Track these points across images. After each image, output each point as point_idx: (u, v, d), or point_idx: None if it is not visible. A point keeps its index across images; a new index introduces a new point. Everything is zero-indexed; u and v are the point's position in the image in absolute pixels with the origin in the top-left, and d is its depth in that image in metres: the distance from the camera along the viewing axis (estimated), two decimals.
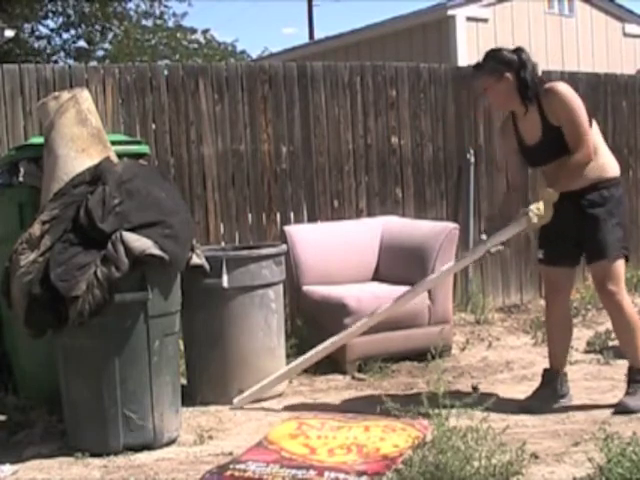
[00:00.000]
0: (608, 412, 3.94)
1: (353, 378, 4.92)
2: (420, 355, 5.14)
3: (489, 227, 4.26)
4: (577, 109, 3.87)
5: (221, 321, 4.45)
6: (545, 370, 4.25)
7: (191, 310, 4.28)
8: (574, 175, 3.86)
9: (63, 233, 3.62)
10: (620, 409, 3.88)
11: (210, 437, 3.88)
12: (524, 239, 7.06)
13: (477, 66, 4.07)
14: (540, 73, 7.17)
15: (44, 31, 24.18)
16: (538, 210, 3.85)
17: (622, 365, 4.26)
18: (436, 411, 3.48)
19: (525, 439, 3.36)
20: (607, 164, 3.98)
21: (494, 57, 4.02)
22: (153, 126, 5.68)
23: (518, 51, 4.02)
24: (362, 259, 5.67)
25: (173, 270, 3.79)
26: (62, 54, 24.43)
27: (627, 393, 3.96)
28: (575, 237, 4.02)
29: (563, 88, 3.92)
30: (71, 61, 23.22)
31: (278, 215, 6.02)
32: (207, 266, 4.19)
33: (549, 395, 4.14)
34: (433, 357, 5.07)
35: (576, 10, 15.13)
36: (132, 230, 3.60)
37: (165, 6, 27.27)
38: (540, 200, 3.88)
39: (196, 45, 29.54)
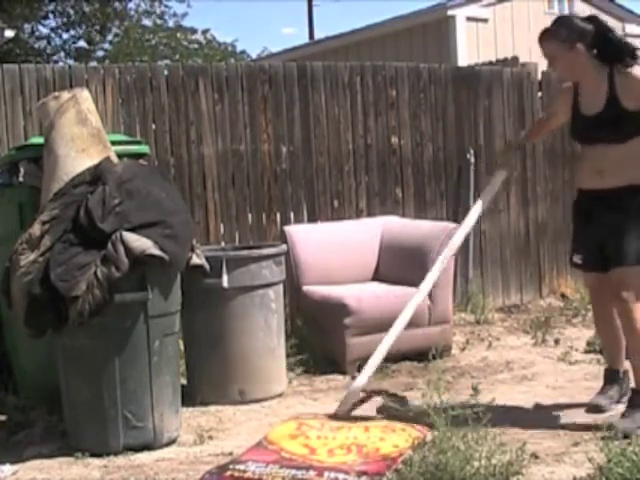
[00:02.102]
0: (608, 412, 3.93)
1: (353, 378, 4.90)
2: (420, 355, 5.14)
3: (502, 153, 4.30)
4: None
5: (221, 321, 4.45)
6: (606, 370, 4.09)
7: (191, 310, 4.28)
8: None
9: (63, 233, 3.62)
10: (610, 430, 3.58)
11: (210, 437, 3.88)
12: (524, 239, 7.07)
13: (546, 32, 3.84)
14: (540, 73, 7.26)
15: (44, 31, 24.21)
16: None
17: None
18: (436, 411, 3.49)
19: (525, 439, 3.36)
20: None
21: (566, 24, 3.81)
22: (153, 126, 5.68)
23: (594, 19, 3.82)
24: (362, 259, 5.66)
25: (173, 270, 3.80)
26: (62, 54, 24.45)
27: (622, 415, 3.73)
28: (603, 239, 3.80)
29: None
30: (71, 61, 23.23)
31: (278, 215, 6.02)
32: (207, 266, 4.18)
33: (615, 393, 3.98)
34: (433, 357, 5.09)
35: (576, 10, 15.10)
36: (132, 230, 3.60)
37: (165, 6, 27.32)
38: None
39: (196, 45, 29.55)
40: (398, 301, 5.13)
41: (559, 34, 3.77)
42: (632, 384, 3.85)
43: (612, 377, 4.04)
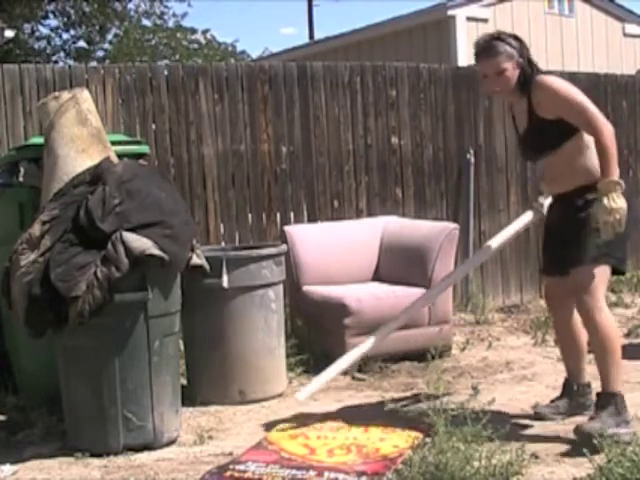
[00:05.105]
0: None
1: (353, 378, 4.92)
2: (420, 355, 5.15)
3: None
4: (571, 95, 3.68)
5: (221, 321, 4.45)
6: (565, 380, 4.07)
7: (191, 310, 4.27)
8: (609, 155, 3.54)
9: (63, 233, 3.62)
10: (578, 434, 3.48)
11: (210, 437, 3.88)
12: (524, 238, 7.07)
13: (491, 48, 3.74)
14: None
15: (44, 31, 24.24)
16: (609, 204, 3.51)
17: (622, 365, 4.25)
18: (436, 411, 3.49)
19: (525, 439, 3.36)
20: (594, 166, 3.67)
21: (505, 41, 3.75)
22: (153, 126, 5.68)
23: (517, 37, 3.83)
24: (362, 259, 5.66)
25: (173, 270, 3.79)
26: (62, 54, 24.48)
27: (590, 417, 3.59)
28: (558, 243, 3.78)
29: (552, 81, 3.73)
30: (71, 61, 23.25)
31: (278, 215, 6.02)
32: (207, 266, 4.18)
33: (563, 406, 3.98)
34: (433, 357, 5.09)
35: (576, 10, 15.13)
36: (132, 230, 3.60)
37: (165, 6, 27.34)
38: (603, 195, 3.51)
39: (196, 45, 29.56)
40: (398, 301, 5.14)
41: (503, 50, 3.74)
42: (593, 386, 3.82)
43: (567, 389, 4.03)
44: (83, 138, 3.90)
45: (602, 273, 3.63)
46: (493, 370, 5.06)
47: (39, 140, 4.20)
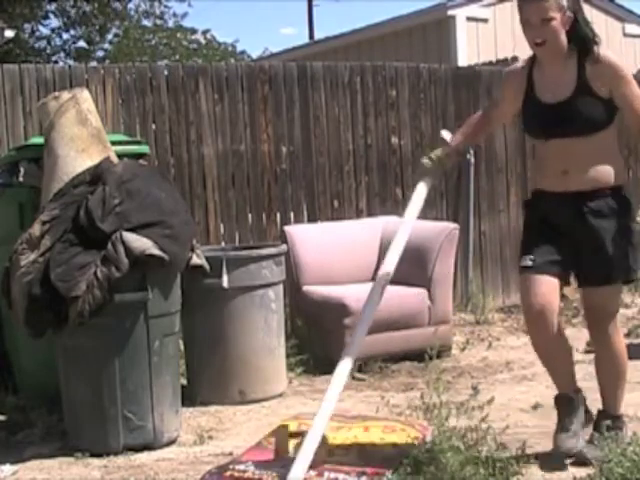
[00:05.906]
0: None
1: (353, 378, 4.91)
2: (420, 355, 5.12)
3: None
4: (633, 80, 3.29)
5: (221, 321, 4.46)
6: (562, 398, 3.51)
7: (191, 310, 4.28)
8: None
9: (63, 233, 3.62)
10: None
11: (210, 437, 3.88)
12: None
13: None
14: None
15: (44, 31, 24.24)
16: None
17: None
18: (436, 411, 3.49)
19: (525, 439, 3.36)
20: (622, 168, 3.39)
21: None
22: (153, 126, 5.69)
23: None
24: (362, 259, 5.66)
25: (173, 270, 3.80)
26: (62, 54, 24.48)
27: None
28: (573, 248, 3.29)
29: (617, 58, 3.29)
30: (71, 61, 23.25)
31: (278, 215, 6.03)
32: (207, 266, 4.19)
33: (577, 425, 3.41)
34: (432, 357, 5.09)
35: None
36: (132, 230, 3.60)
37: (165, 6, 27.34)
38: None
39: (196, 45, 29.56)
40: (398, 302, 5.15)
41: None
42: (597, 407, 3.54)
43: (570, 406, 3.47)
44: (83, 138, 3.90)
45: (621, 292, 3.49)
46: (493, 370, 5.06)
47: (39, 140, 4.21)
